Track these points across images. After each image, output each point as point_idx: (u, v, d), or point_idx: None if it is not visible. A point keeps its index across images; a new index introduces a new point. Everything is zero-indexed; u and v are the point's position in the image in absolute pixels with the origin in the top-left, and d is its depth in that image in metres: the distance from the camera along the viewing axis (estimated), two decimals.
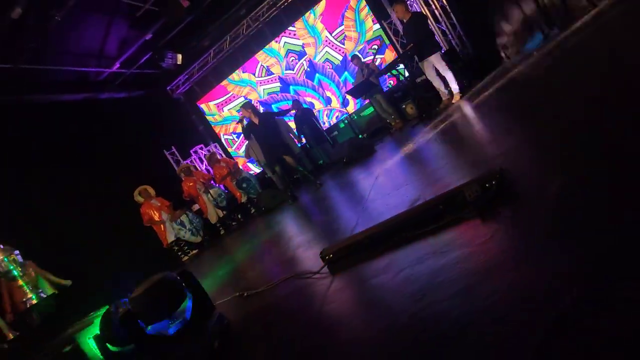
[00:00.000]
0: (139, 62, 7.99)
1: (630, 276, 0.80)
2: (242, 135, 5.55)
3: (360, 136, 6.13)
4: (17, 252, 3.00)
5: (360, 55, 6.54)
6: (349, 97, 7.66)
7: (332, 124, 8.59)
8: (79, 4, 5.29)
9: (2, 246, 2.91)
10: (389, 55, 7.65)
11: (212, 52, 9.02)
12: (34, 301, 2.90)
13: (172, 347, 1.59)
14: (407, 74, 5.84)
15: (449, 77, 5.15)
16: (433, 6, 6.75)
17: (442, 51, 5.58)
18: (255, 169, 9.28)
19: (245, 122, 5.34)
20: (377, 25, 7.77)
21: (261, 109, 7.55)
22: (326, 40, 8.39)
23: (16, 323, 2.84)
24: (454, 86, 5.16)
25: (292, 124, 7.64)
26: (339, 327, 1.37)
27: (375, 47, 7.49)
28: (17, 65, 5.62)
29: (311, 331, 1.42)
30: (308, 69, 8.90)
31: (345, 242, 1.84)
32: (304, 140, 7.47)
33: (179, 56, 8.67)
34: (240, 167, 8.04)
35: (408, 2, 6.98)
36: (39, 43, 5.47)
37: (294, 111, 7.30)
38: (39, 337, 2.72)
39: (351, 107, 8.05)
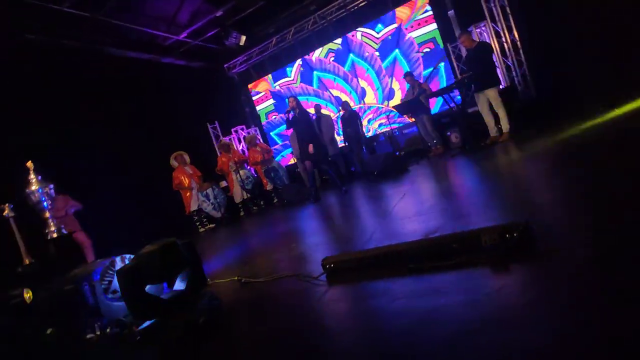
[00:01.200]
0: (204, 35, 8.31)
1: None
2: (286, 127, 5.63)
3: (397, 153, 6.02)
4: (51, 186, 3.19)
5: (413, 74, 6.43)
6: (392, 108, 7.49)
7: (375, 132, 8.48)
8: None
9: (39, 177, 3.10)
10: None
11: (274, 40, 9.20)
12: (55, 235, 3.08)
13: (160, 313, 1.63)
14: (459, 101, 5.66)
15: (502, 114, 4.95)
16: (503, 39, 6.50)
17: (501, 87, 5.38)
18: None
19: (291, 114, 5.43)
20: (434, 26, 7.60)
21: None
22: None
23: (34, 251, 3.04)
24: (505, 125, 4.95)
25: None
26: (321, 336, 1.35)
27: (438, 66, 7.34)
28: (96, 16, 6.01)
29: (295, 332, 1.42)
30: (340, 47, 8.66)
31: (348, 255, 1.82)
32: (342, 142, 7.49)
33: (243, 37, 8.92)
34: (273, 156, 8.12)
35: (479, 30, 6.80)
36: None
37: (342, 112, 7.33)
38: (49, 270, 2.88)
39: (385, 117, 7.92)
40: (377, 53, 8.35)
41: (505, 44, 6.55)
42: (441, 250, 1.53)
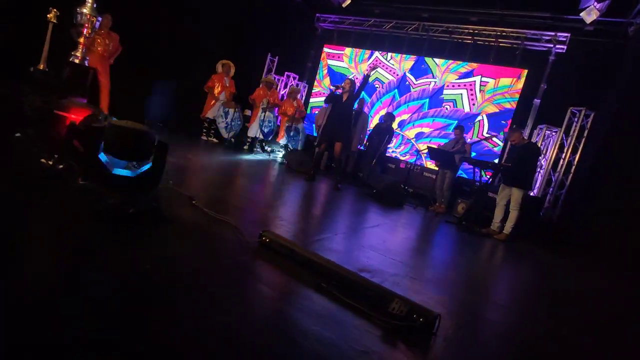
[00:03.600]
0: None
1: None
2: (326, 98, 5.62)
3: (403, 185, 6.01)
4: (99, 18, 3.27)
5: (463, 129, 6.31)
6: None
7: (396, 156, 8.43)
8: None
9: (95, 5, 3.17)
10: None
11: (372, 21, 9.02)
12: (77, 61, 3.17)
13: (103, 184, 1.72)
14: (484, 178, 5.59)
15: (513, 216, 4.89)
16: (563, 155, 6.34)
17: (528, 192, 5.30)
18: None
19: (339, 91, 5.42)
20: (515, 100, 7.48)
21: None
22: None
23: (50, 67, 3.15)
24: (509, 227, 4.91)
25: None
26: (209, 300, 1.42)
27: (495, 136, 7.22)
28: None
29: (191, 279, 1.49)
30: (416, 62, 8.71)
31: (285, 241, 1.88)
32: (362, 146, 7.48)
33: (348, 0, 8.76)
34: (303, 118, 8.11)
35: (548, 132, 6.63)
36: None
37: (382, 121, 7.29)
38: (56, 86, 2.98)
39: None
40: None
41: (561, 160, 6.40)
42: (357, 290, 1.59)
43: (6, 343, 0.86)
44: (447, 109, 8.11)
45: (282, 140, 7.72)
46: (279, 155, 7.68)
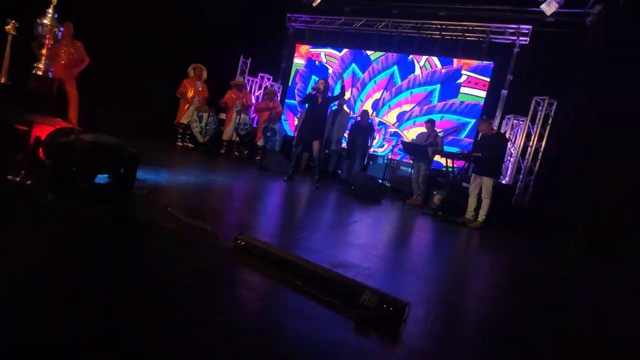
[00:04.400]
0: None
1: None
2: (302, 99, 5.70)
3: (380, 181, 6.14)
4: (62, 28, 3.21)
5: (434, 123, 6.49)
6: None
7: (376, 152, 8.58)
8: None
9: (56, 15, 3.11)
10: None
11: (342, 19, 9.11)
12: (40, 73, 3.11)
13: (77, 197, 1.72)
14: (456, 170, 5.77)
15: (486, 204, 5.09)
16: (531, 142, 6.61)
17: (499, 180, 5.52)
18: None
19: (314, 92, 5.49)
20: (484, 93, 7.74)
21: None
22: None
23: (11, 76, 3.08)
24: (482, 215, 5.10)
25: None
26: (187, 302, 1.46)
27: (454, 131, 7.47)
28: None
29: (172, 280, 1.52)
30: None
31: (259, 243, 1.93)
32: (343, 145, 7.57)
33: (318, 0, 8.83)
34: (279, 120, 8.12)
35: (516, 122, 6.90)
36: None
37: (359, 119, 7.41)
38: (17, 98, 2.92)
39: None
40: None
41: (529, 148, 6.67)
42: (330, 285, 1.65)
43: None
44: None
45: (260, 142, 7.72)
46: (257, 157, 7.68)
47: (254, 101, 8.27)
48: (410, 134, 8.21)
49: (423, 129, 6.83)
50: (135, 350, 1.04)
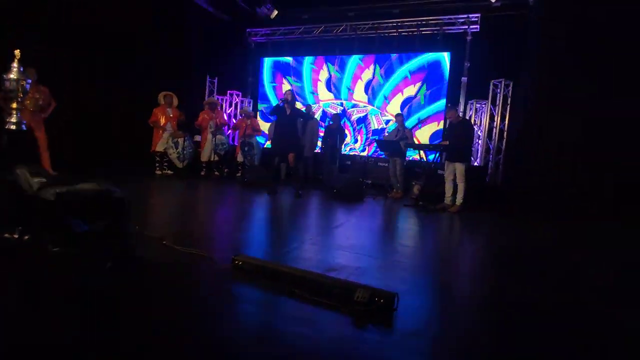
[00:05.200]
0: None
1: None
2: (270, 110, 5.86)
3: (361, 179, 6.37)
4: (29, 80, 3.26)
5: (403, 116, 6.76)
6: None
7: (354, 149, 8.81)
8: None
9: (22, 69, 3.17)
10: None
11: (302, 28, 9.32)
12: (13, 128, 3.16)
13: (77, 250, 1.84)
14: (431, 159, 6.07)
15: (461, 188, 5.39)
16: (495, 123, 7.00)
17: (470, 164, 5.83)
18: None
19: (281, 104, 5.64)
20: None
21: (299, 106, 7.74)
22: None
23: None
24: (460, 199, 5.39)
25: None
26: (194, 321, 1.60)
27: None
28: None
29: (176, 309, 1.66)
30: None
31: (255, 260, 2.08)
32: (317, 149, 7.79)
33: (275, 12, 9.03)
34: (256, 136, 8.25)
35: (478, 106, 7.28)
36: None
37: (331, 123, 7.63)
38: None
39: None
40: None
41: (494, 129, 7.05)
42: (324, 289, 1.83)
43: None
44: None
45: (239, 157, 7.82)
46: (237, 173, 7.77)
47: (226, 119, 8.35)
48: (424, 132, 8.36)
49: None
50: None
